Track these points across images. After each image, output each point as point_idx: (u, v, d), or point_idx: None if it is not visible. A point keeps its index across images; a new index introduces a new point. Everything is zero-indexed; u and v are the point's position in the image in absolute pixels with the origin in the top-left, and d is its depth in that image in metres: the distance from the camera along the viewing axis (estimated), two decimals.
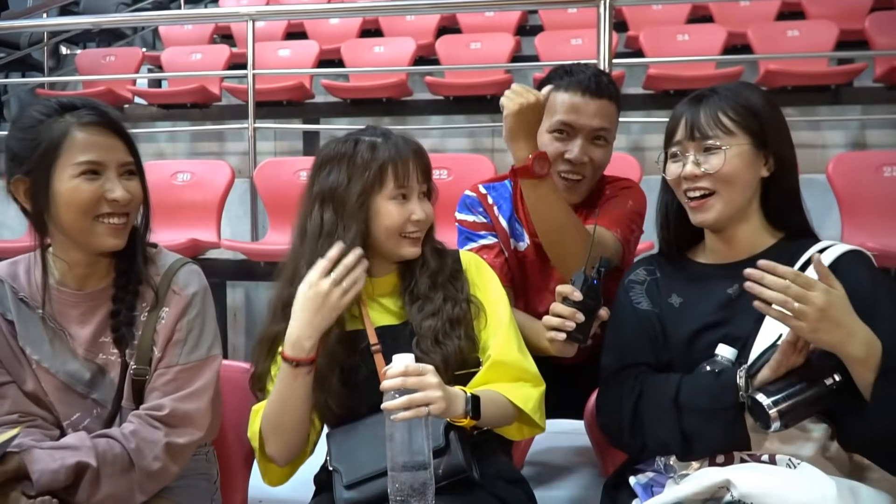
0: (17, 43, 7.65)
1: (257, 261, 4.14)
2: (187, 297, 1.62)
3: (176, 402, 1.56)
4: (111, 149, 1.53)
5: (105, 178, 1.51)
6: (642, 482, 1.60)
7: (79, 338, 1.59)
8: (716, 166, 1.55)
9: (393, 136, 1.67)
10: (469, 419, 1.49)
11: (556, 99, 2.01)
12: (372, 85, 5.86)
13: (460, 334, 1.63)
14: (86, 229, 1.52)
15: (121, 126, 1.56)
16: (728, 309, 1.60)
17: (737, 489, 1.36)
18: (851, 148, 5.28)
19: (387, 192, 1.62)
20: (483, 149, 5.75)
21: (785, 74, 5.19)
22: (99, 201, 1.51)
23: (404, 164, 1.63)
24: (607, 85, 2.03)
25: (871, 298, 1.46)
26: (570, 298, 1.57)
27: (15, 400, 1.56)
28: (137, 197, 1.56)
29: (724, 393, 1.47)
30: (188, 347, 1.60)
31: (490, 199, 2.19)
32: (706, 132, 1.57)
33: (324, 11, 6.28)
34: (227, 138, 6.20)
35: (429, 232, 1.72)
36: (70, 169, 1.49)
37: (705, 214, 1.59)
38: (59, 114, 1.51)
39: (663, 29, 5.99)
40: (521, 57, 6.35)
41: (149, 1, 8.46)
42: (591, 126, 1.99)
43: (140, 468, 1.49)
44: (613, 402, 1.62)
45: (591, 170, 2.04)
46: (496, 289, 1.75)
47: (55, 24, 6.68)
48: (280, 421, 1.58)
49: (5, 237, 4.56)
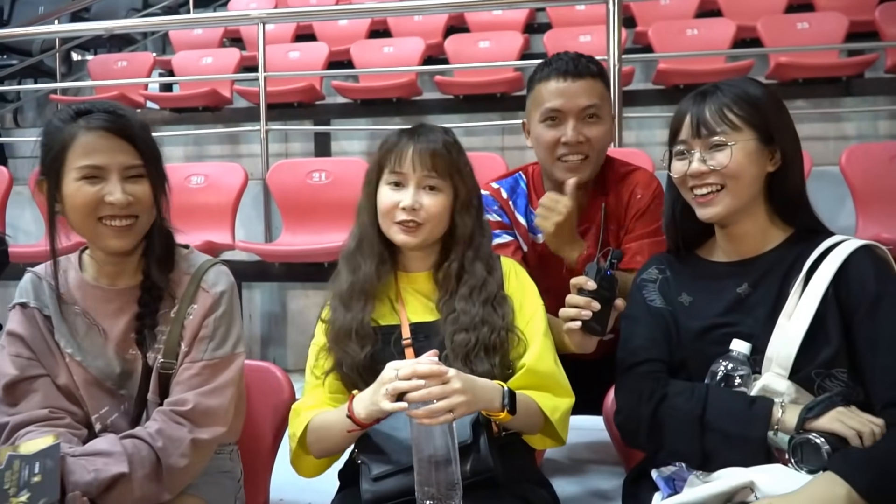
0: (29, 50, 7.70)
1: (272, 262, 4.17)
2: (216, 294, 1.66)
3: (199, 397, 1.59)
4: (115, 152, 1.56)
5: (106, 181, 1.55)
6: (664, 475, 1.59)
7: (112, 333, 1.64)
8: (722, 162, 1.54)
9: (420, 129, 1.74)
10: (506, 413, 1.51)
11: (542, 90, 2.09)
12: (382, 85, 5.88)
13: (494, 362, 1.62)
14: (90, 230, 1.58)
15: (130, 130, 1.58)
16: (738, 307, 1.59)
17: (760, 491, 1.36)
18: (864, 139, 5.24)
19: (384, 177, 1.69)
20: (493, 147, 5.74)
21: (795, 67, 5.18)
22: (99, 204, 1.55)
23: (400, 152, 1.68)
24: (587, 65, 2.08)
25: (875, 296, 1.46)
26: (585, 288, 1.59)
27: (46, 393, 1.60)
28: (143, 200, 1.59)
29: (755, 424, 1.45)
30: (214, 344, 1.63)
31: (504, 194, 2.22)
32: (713, 128, 1.55)
33: (332, 13, 6.30)
34: (240, 141, 6.22)
35: (462, 235, 1.72)
36: (74, 172, 1.54)
37: (713, 209, 1.58)
38: (73, 119, 1.56)
39: (672, 24, 5.98)
40: (530, 55, 6.34)
41: (159, 6, 8.51)
42: (579, 105, 2.05)
43: (167, 467, 1.52)
44: (632, 402, 1.61)
45: (591, 148, 2.07)
46: (533, 300, 1.76)
47: (67, 31, 6.71)
48: (325, 447, 1.64)
49: (21, 241, 4.59)
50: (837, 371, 1.47)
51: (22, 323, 1.63)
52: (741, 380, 1.52)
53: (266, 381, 1.96)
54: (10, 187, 4.48)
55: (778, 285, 1.56)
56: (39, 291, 1.66)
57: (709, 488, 1.42)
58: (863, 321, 1.46)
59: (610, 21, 4.03)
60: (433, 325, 1.68)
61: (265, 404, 1.94)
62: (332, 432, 1.58)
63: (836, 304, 1.49)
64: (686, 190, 1.63)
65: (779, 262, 1.58)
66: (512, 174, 2.29)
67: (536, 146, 2.14)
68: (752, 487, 1.38)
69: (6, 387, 1.59)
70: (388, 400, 1.42)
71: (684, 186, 1.63)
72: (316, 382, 1.69)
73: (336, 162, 4.73)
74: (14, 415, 1.57)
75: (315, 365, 1.71)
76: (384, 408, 1.42)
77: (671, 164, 1.65)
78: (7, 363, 1.60)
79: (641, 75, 5.80)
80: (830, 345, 1.47)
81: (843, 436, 1.38)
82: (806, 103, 5.36)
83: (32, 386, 1.60)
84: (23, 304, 1.65)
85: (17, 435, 1.55)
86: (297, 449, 1.66)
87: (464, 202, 1.72)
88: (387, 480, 1.52)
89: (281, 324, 4.39)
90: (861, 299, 1.41)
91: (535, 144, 2.14)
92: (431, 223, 1.68)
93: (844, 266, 1.49)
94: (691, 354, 1.62)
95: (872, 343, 1.45)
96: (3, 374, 1.60)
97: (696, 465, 1.51)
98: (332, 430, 1.58)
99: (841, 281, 1.48)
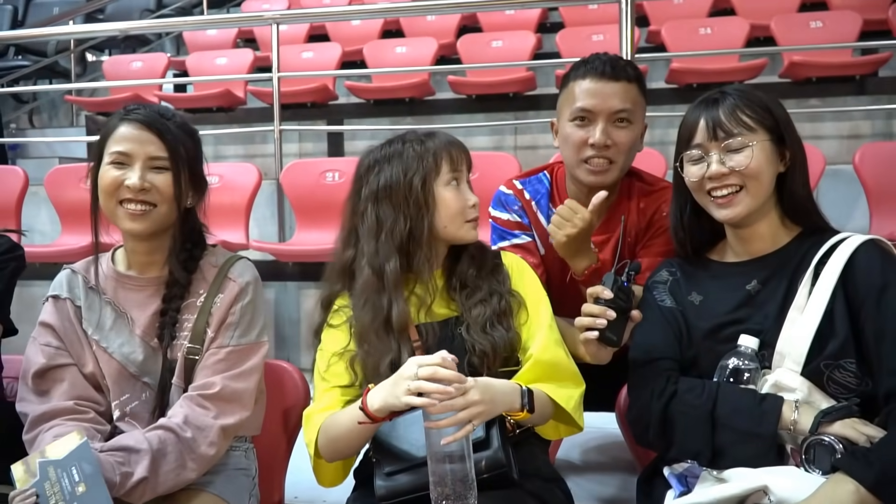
0: (44, 51, 7.76)
1: (286, 261, 4.19)
2: (242, 284, 1.74)
3: (226, 380, 1.65)
4: (143, 142, 1.67)
5: (130, 167, 1.67)
6: (677, 472, 1.59)
7: (139, 320, 1.72)
8: (743, 163, 1.57)
9: (434, 132, 1.74)
10: (525, 412, 1.53)
11: (575, 88, 2.03)
12: (395, 85, 5.88)
13: (508, 325, 1.67)
14: (112, 212, 1.69)
15: (162, 125, 1.69)
16: (748, 305, 1.61)
17: (774, 495, 1.37)
18: (878, 138, 5.23)
19: (443, 178, 1.69)
20: (507, 146, 5.75)
21: (809, 66, 5.16)
22: (119, 187, 1.66)
23: (457, 150, 1.71)
24: (624, 67, 2.03)
25: (882, 287, 1.47)
26: (602, 297, 1.59)
27: (73, 383, 1.68)
28: (161, 190, 1.68)
29: (765, 420, 1.47)
30: (240, 331, 1.71)
31: (527, 194, 2.19)
32: (730, 130, 1.58)
33: (345, 13, 6.32)
34: (253, 141, 6.24)
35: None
36: (107, 157, 1.68)
37: (734, 209, 1.60)
38: (123, 112, 1.71)
39: (685, 23, 5.95)
40: (543, 54, 6.35)
41: (172, 7, 8.55)
42: (611, 108, 1.99)
43: (198, 455, 1.59)
44: (643, 400, 1.63)
45: (618, 152, 2.01)
46: (537, 289, 1.77)
47: (82, 32, 6.73)
48: (337, 447, 1.62)
49: (37, 242, 4.63)
50: (846, 362, 1.48)
51: (53, 314, 1.73)
52: (749, 374, 1.54)
53: (281, 380, 1.98)
54: (27, 187, 4.51)
55: (787, 281, 1.58)
56: (73, 284, 1.76)
57: (722, 490, 1.43)
58: (869, 312, 1.47)
59: (623, 20, 4.02)
60: (440, 326, 1.69)
61: (280, 403, 1.96)
62: (342, 429, 1.56)
63: (844, 297, 1.50)
64: (702, 194, 1.64)
65: (788, 259, 1.60)
66: (536, 173, 2.24)
67: (563, 145, 2.08)
68: (765, 491, 1.39)
69: (34, 376, 1.67)
70: (409, 395, 1.41)
71: (701, 190, 1.64)
72: (327, 386, 1.68)
73: (349, 162, 4.71)
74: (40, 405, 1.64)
75: (327, 371, 1.69)
76: (405, 401, 1.42)
77: (685, 170, 1.66)
78: (37, 352, 1.69)
79: (655, 74, 5.79)
80: (837, 337, 1.49)
81: (856, 442, 1.39)
82: (819, 102, 5.34)
83: (60, 375, 1.68)
84: (55, 296, 1.75)
85: (41, 428, 1.61)
86: (315, 458, 1.65)
87: None
88: (400, 476, 1.53)
89: (295, 323, 4.41)
90: (868, 291, 1.43)
91: (562, 143, 2.08)
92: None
93: (851, 260, 1.51)
94: (702, 352, 1.64)
95: (879, 333, 1.46)
96: (33, 364, 1.68)
97: (707, 461, 1.52)
98: (342, 428, 1.56)
99: (848, 274, 1.49)
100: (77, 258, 1.84)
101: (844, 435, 1.40)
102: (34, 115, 8.13)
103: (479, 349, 1.62)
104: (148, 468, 1.52)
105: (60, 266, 1.82)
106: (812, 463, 1.41)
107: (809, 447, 1.42)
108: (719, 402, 1.52)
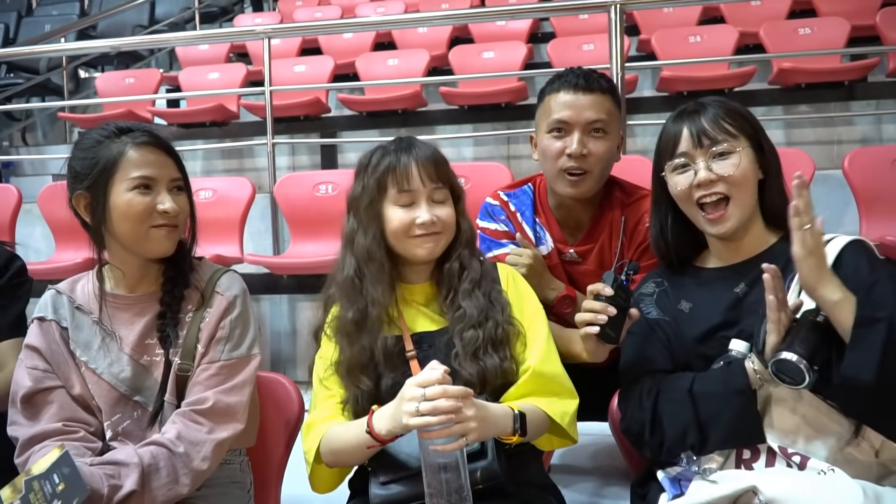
0: (36, 68, 7.75)
1: (280, 274, 4.19)
2: (230, 298, 1.73)
3: (219, 395, 1.64)
4: (162, 166, 1.67)
5: (156, 191, 1.66)
6: (671, 475, 1.62)
7: (127, 339, 1.69)
8: (729, 169, 1.60)
9: (408, 144, 1.72)
10: (517, 437, 1.53)
11: (551, 101, 2.09)
12: (387, 97, 5.89)
13: (504, 355, 1.65)
14: (140, 237, 1.66)
15: (170, 146, 1.71)
16: (737, 308, 1.63)
17: (764, 495, 1.38)
18: (867, 143, 5.24)
19: (391, 197, 1.68)
20: (499, 156, 5.75)
21: (798, 72, 5.18)
22: (152, 213, 1.64)
23: (404, 169, 1.67)
24: (597, 79, 2.09)
25: (871, 279, 1.49)
26: (602, 294, 1.61)
27: (62, 405, 1.65)
28: (185, 210, 1.70)
29: (735, 377, 1.52)
30: (231, 345, 1.69)
31: (512, 206, 2.23)
32: (714, 137, 1.61)
33: (337, 26, 6.32)
34: (247, 155, 6.24)
35: (463, 236, 1.75)
36: (125, 183, 1.63)
37: (724, 224, 1.63)
38: (116, 136, 1.67)
39: (675, 31, 5.98)
40: (534, 64, 6.38)
41: (165, 23, 8.56)
42: (586, 119, 2.05)
43: (190, 470, 1.57)
44: (633, 404, 1.66)
45: (595, 163, 2.07)
46: (533, 303, 1.78)
47: (74, 48, 6.74)
48: (342, 460, 1.63)
49: (31, 259, 4.61)
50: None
51: (39, 336, 1.70)
52: None
53: (276, 393, 1.98)
54: (20, 205, 4.50)
55: None
56: (58, 305, 1.73)
57: (712, 492, 1.45)
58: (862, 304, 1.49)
59: (612, 29, 4.04)
60: (434, 335, 1.70)
61: (276, 416, 1.96)
62: (350, 447, 1.57)
63: None
64: (691, 204, 1.66)
65: (774, 260, 1.60)
66: (521, 185, 2.29)
67: (542, 158, 2.14)
68: (755, 491, 1.40)
69: (23, 399, 1.64)
70: (412, 417, 1.40)
71: (689, 201, 1.65)
72: (327, 394, 1.68)
73: (343, 174, 4.72)
74: (30, 428, 1.62)
75: (327, 379, 1.69)
76: (408, 423, 1.41)
77: (671, 180, 1.68)
78: (25, 376, 1.66)
79: (645, 83, 5.81)
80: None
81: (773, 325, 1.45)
82: (809, 108, 5.36)
83: (48, 398, 1.65)
84: (41, 318, 1.72)
85: (31, 451, 1.59)
86: (315, 466, 1.65)
87: (462, 204, 1.77)
88: (395, 485, 1.54)
89: (290, 336, 4.40)
90: (856, 289, 1.44)
91: (541, 156, 2.14)
92: (448, 231, 1.71)
93: (839, 259, 1.53)
94: (694, 358, 1.65)
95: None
96: (21, 387, 1.65)
97: (697, 440, 1.54)
98: (349, 445, 1.56)
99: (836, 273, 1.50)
100: (73, 275, 1.83)
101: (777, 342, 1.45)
102: (27, 132, 8.11)
103: (465, 376, 1.60)
104: (137, 482, 1.50)
105: (56, 283, 1.81)
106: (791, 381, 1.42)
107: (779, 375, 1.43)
108: (696, 381, 1.57)
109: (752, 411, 1.50)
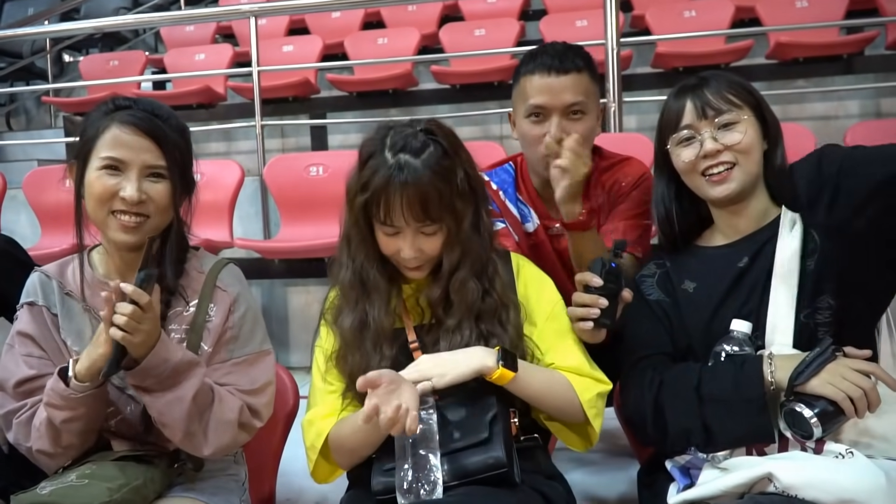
0: (19, 52, 7.67)
1: (271, 258, 4.13)
2: (234, 294, 1.68)
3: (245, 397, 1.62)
4: (139, 150, 1.57)
5: (124, 176, 1.57)
6: (679, 464, 1.59)
7: None
8: (735, 139, 1.60)
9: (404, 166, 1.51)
10: (502, 368, 1.49)
11: (526, 84, 2.04)
12: (377, 77, 5.85)
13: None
14: (101, 221, 1.59)
15: (159, 131, 1.59)
16: (740, 281, 1.62)
17: (780, 482, 1.34)
18: (866, 117, 5.24)
19: (378, 219, 1.56)
20: (492, 136, 5.74)
21: (796, 46, 5.16)
22: (112, 197, 1.56)
23: (388, 205, 1.52)
24: (573, 59, 2.02)
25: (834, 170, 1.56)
26: (591, 285, 1.58)
27: None
28: (157, 200, 1.59)
29: (748, 384, 1.45)
30: (240, 343, 1.66)
31: (494, 185, 2.21)
32: (719, 108, 1.61)
33: (325, 5, 6.24)
34: (235, 137, 6.20)
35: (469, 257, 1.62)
36: (97, 161, 1.57)
37: (728, 185, 1.61)
38: (111, 110, 1.59)
39: (670, 6, 5.94)
40: (527, 41, 6.29)
41: (149, 4, 8.47)
42: (563, 103, 2.00)
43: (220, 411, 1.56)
44: (636, 396, 1.63)
45: None
46: (550, 297, 1.72)
47: (57, 31, 6.65)
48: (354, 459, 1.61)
49: None
50: (820, 300, 1.52)
51: (30, 322, 1.64)
52: None
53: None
54: (5, 191, 4.44)
55: (772, 254, 1.60)
56: (47, 290, 1.67)
57: (726, 481, 1.42)
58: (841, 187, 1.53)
59: (607, 5, 3.99)
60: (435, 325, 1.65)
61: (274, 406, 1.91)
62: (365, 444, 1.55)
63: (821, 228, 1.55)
64: (695, 175, 1.65)
65: (774, 234, 1.61)
66: (502, 163, 2.27)
67: (522, 141, 2.11)
68: (770, 478, 1.37)
69: (17, 384, 1.59)
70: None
71: (694, 171, 1.64)
72: (328, 388, 1.65)
73: (333, 155, 4.69)
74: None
75: (327, 372, 1.65)
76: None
77: (675, 153, 1.67)
78: (20, 363, 1.61)
79: (640, 59, 5.77)
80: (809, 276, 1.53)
81: (833, 398, 1.37)
82: (807, 82, 5.36)
83: (44, 383, 1.58)
84: (30, 303, 1.66)
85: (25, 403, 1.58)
86: (319, 460, 1.62)
87: (471, 224, 1.62)
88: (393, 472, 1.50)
89: (283, 321, 4.35)
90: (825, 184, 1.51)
91: (521, 139, 2.11)
92: (433, 259, 1.61)
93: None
94: (699, 338, 1.63)
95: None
96: (14, 374, 1.60)
97: (701, 442, 1.51)
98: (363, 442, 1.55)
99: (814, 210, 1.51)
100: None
101: (822, 394, 1.37)
102: (11, 117, 8.03)
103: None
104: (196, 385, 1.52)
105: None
106: (795, 429, 1.39)
107: (787, 415, 1.40)
108: (703, 378, 1.52)
109: (765, 420, 1.43)
